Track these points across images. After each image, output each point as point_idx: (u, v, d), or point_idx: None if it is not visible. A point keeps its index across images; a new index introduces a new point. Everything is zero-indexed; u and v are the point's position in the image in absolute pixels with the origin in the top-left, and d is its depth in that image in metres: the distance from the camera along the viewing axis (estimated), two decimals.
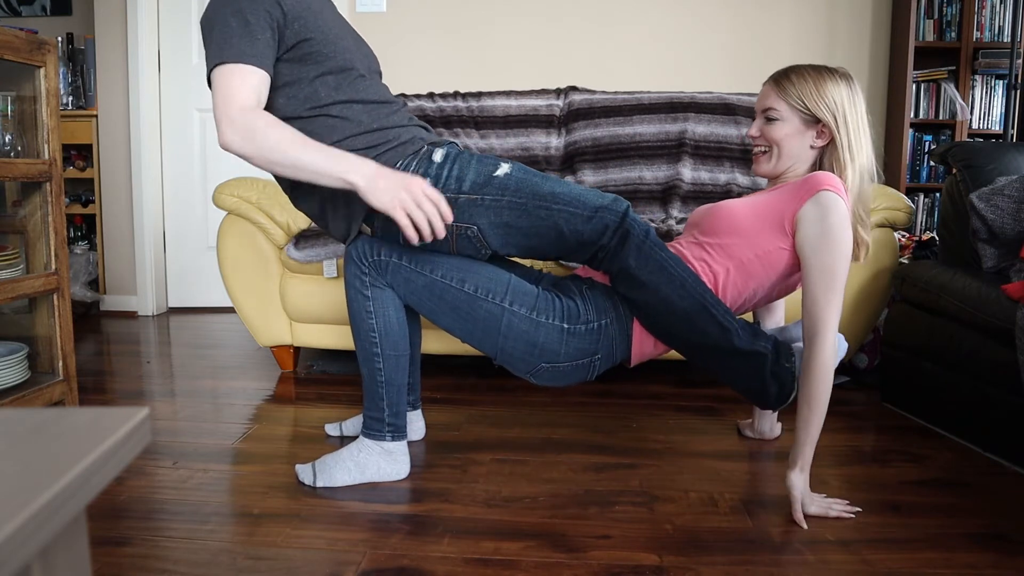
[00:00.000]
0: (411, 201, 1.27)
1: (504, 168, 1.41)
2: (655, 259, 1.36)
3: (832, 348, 1.33)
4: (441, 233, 1.29)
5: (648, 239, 1.37)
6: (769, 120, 1.47)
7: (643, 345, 1.46)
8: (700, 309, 1.36)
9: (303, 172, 1.30)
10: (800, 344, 1.47)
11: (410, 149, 1.44)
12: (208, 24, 1.36)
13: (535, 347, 1.41)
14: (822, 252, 1.35)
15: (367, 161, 1.31)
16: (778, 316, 1.75)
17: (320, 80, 1.40)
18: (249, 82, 1.34)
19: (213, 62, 1.34)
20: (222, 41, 1.33)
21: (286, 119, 1.41)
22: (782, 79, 1.45)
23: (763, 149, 1.50)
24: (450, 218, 1.30)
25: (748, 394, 1.45)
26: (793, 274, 1.45)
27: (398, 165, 1.42)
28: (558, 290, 1.48)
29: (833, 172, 1.44)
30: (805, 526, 1.32)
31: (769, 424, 1.77)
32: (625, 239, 1.36)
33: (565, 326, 1.41)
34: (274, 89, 1.40)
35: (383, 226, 1.43)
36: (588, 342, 1.42)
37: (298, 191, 1.49)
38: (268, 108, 1.41)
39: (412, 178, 1.29)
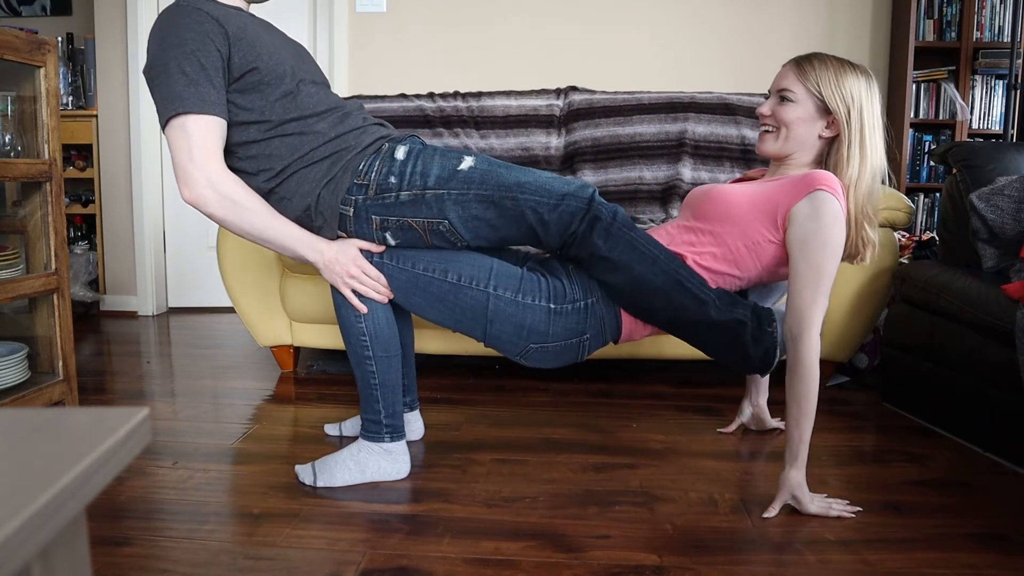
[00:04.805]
0: (356, 281, 1.44)
1: (468, 161, 1.41)
2: (624, 239, 1.37)
3: (816, 346, 1.34)
4: (386, 297, 1.46)
5: (616, 221, 1.37)
6: (783, 100, 1.45)
7: (631, 324, 1.46)
8: (674, 284, 1.37)
9: (270, 243, 1.42)
10: (781, 307, 1.47)
11: (371, 150, 1.44)
12: (158, 70, 1.33)
13: (523, 329, 1.42)
14: (812, 251, 1.35)
15: (325, 247, 1.43)
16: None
17: (269, 107, 1.40)
18: (214, 134, 1.34)
19: (172, 111, 1.32)
20: (180, 89, 1.31)
21: (242, 144, 1.41)
22: (804, 62, 1.44)
23: (770, 128, 1.48)
24: (390, 294, 1.46)
25: (732, 364, 1.45)
26: (781, 266, 1.45)
27: (361, 167, 1.41)
28: (544, 269, 1.48)
29: (837, 166, 1.43)
30: (771, 516, 1.36)
31: (759, 392, 1.82)
32: (593, 224, 1.36)
33: (552, 306, 1.42)
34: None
35: (356, 229, 1.43)
36: (575, 321, 1.43)
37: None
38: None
39: (355, 262, 1.43)
